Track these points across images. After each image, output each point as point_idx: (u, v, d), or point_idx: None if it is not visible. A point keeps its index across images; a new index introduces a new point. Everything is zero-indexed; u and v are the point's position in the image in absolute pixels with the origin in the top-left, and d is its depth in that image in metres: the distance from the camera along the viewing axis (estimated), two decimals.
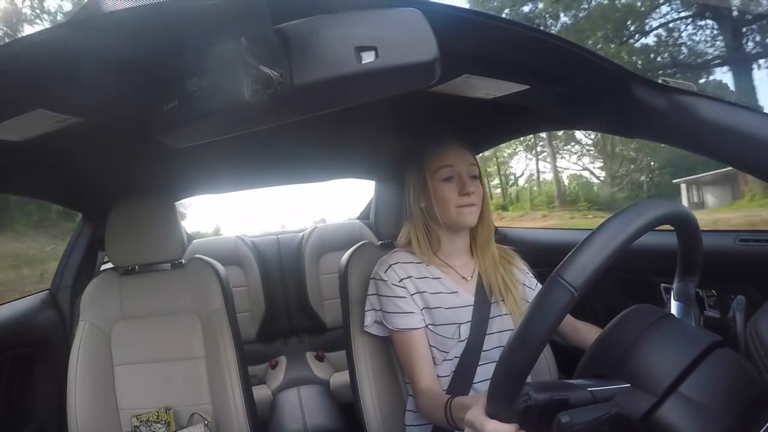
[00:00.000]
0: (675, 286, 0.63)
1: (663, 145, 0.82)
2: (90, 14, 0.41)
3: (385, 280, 0.92)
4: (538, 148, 12.34)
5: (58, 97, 0.59)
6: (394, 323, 0.90)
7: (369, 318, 0.95)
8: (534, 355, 0.45)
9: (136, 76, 0.55)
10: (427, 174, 0.93)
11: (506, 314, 0.93)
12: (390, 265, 0.93)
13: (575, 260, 0.44)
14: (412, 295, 0.91)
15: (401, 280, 0.91)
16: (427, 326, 0.90)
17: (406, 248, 0.98)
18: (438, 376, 0.90)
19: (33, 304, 1.37)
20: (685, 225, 0.55)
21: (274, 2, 0.39)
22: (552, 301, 0.44)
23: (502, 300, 0.94)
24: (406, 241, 0.98)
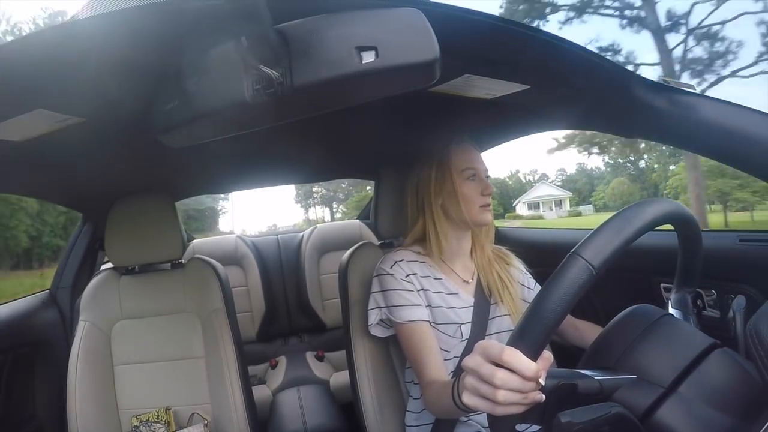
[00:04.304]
0: (673, 295, 0.63)
1: None
2: (90, 14, 0.41)
3: (392, 274, 0.92)
4: None
5: (58, 97, 0.59)
6: (402, 316, 0.89)
7: (373, 317, 0.94)
8: (549, 332, 0.44)
9: (136, 76, 0.55)
10: (454, 172, 0.93)
11: (505, 315, 0.93)
12: (396, 262, 0.93)
13: (594, 240, 0.45)
14: (417, 290, 0.91)
15: (407, 275, 0.92)
16: (430, 323, 0.90)
17: (408, 247, 0.98)
18: None
19: (33, 304, 1.37)
20: (688, 228, 0.56)
21: (274, 2, 0.38)
22: (570, 276, 0.44)
23: (501, 301, 0.94)
24: (416, 239, 0.98)
